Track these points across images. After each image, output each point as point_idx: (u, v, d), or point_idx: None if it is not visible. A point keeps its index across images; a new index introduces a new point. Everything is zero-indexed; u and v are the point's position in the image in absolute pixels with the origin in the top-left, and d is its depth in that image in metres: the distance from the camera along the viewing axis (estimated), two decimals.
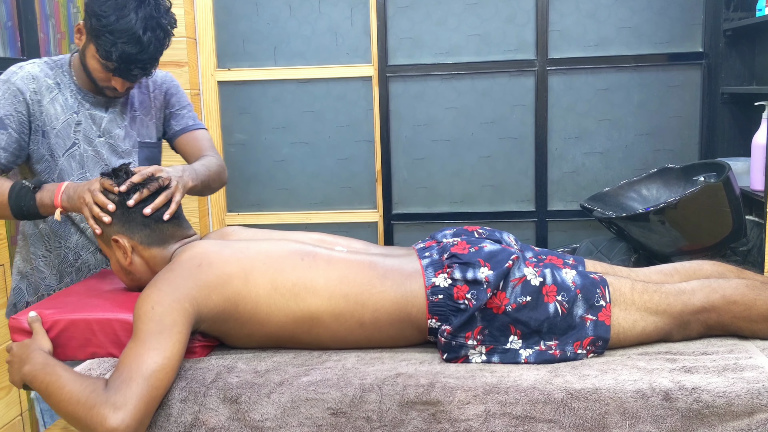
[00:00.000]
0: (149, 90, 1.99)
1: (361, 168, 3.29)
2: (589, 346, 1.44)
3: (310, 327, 1.47)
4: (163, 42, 1.78)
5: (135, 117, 1.95)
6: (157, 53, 1.77)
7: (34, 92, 1.79)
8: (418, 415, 1.34)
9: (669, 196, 2.83)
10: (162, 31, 1.76)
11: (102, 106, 1.89)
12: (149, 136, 1.98)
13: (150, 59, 1.76)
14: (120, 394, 1.24)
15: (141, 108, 1.96)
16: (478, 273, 1.43)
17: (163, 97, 2.01)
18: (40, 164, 1.83)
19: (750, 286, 1.47)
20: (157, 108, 2.00)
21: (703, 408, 1.30)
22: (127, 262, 1.56)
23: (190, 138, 2.03)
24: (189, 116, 2.05)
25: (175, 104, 2.03)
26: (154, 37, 1.74)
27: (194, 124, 2.04)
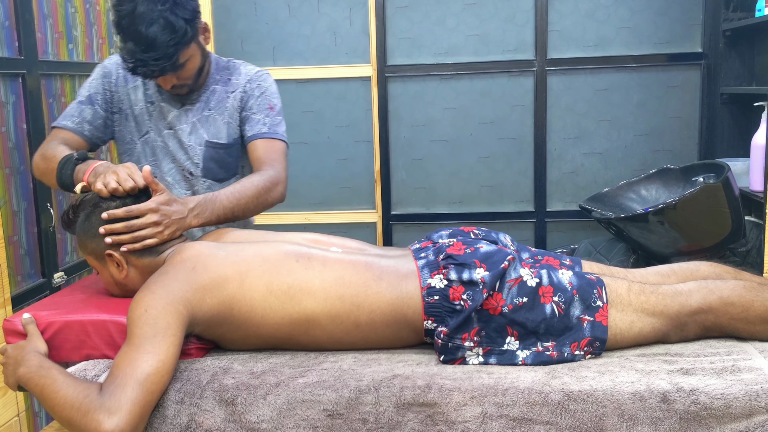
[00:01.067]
0: (230, 90, 1.93)
1: (360, 168, 3.29)
2: (587, 347, 1.43)
3: (306, 329, 1.46)
4: (173, 37, 1.68)
5: (208, 116, 1.92)
6: (169, 50, 1.68)
7: (121, 76, 1.90)
8: (415, 417, 1.33)
9: (668, 196, 2.82)
10: (168, 26, 1.67)
11: (177, 102, 1.92)
12: (218, 136, 1.92)
13: (162, 57, 1.68)
14: (114, 399, 1.23)
15: (216, 107, 1.92)
16: (474, 274, 1.43)
17: (242, 98, 1.92)
18: (123, 146, 1.93)
19: (747, 287, 1.46)
20: (234, 109, 1.92)
21: (701, 410, 1.29)
22: (123, 275, 1.54)
23: (253, 148, 1.89)
24: (261, 122, 1.90)
25: (252, 107, 1.92)
26: (160, 31, 1.66)
27: (264, 133, 1.89)
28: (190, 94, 1.91)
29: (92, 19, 2.70)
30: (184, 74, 1.80)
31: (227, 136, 1.93)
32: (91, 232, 1.54)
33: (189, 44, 1.74)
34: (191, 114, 1.92)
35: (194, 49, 1.78)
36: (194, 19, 1.75)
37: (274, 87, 1.97)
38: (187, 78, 1.82)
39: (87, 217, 1.55)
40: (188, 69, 1.80)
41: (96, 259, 1.56)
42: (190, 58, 1.78)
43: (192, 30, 1.73)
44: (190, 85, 1.85)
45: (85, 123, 1.87)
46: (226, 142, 1.94)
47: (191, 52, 1.77)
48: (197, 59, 1.82)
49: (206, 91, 1.93)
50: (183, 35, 1.70)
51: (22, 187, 2.21)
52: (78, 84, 2.56)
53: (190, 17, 1.72)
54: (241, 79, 1.94)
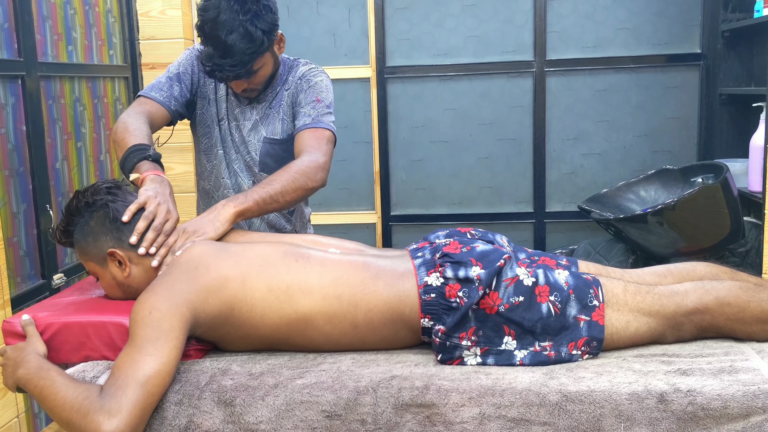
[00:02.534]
0: (286, 87, 2.00)
1: (359, 169, 3.29)
2: (584, 346, 1.43)
3: (304, 329, 1.47)
4: (250, 46, 1.77)
5: (269, 113, 2.00)
6: (245, 57, 1.77)
7: (199, 71, 1.98)
8: (413, 418, 1.34)
9: (667, 197, 2.82)
10: (247, 35, 1.75)
11: (242, 105, 2.01)
12: (274, 132, 2.00)
13: (238, 64, 1.77)
14: (115, 401, 1.23)
15: (275, 105, 2.00)
16: (470, 272, 1.43)
17: (293, 95, 1.99)
18: (202, 128, 2.04)
19: (743, 287, 1.46)
20: (287, 105, 1.99)
21: (699, 410, 1.29)
22: (125, 274, 1.55)
23: (298, 139, 1.92)
24: (307, 114, 1.94)
25: (301, 102, 1.96)
26: (239, 39, 1.75)
27: (309, 123, 1.92)
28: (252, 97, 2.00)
29: (91, 20, 2.70)
30: (256, 80, 1.88)
31: (282, 131, 2.00)
32: (91, 236, 1.55)
33: (264, 54, 1.82)
34: (255, 112, 2.00)
35: (268, 58, 1.86)
36: (272, 31, 1.83)
37: (324, 81, 2.00)
38: (258, 84, 1.91)
39: (86, 222, 1.56)
40: (260, 76, 1.88)
41: (97, 263, 1.56)
42: (263, 66, 1.86)
43: (268, 41, 1.82)
44: (259, 89, 1.95)
45: (173, 99, 1.96)
46: (281, 138, 2.00)
47: (265, 61, 1.85)
48: (269, 67, 1.90)
49: (274, 92, 2.01)
50: (260, 45, 1.79)
51: (21, 189, 2.21)
52: (78, 86, 2.56)
53: (268, 29, 1.81)
54: (295, 76, 2.00)
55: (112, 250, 1.53)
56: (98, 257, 1.56)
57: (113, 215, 1.55)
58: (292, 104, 2.00)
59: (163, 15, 3.06)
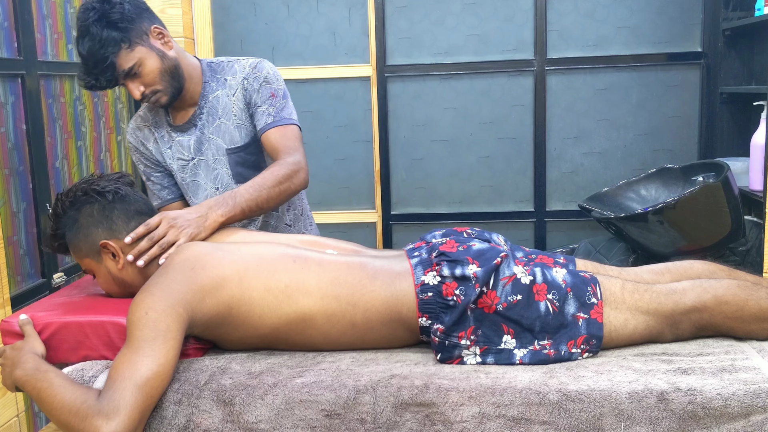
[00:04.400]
0: (230, 93, 1.93)
1: (360, 168, 3.29)
2: (583, 344, 1.43)
3: (303, 328, 1.47)
4: (101, 46, 1.71)
5: (220, 125, 1.93)
6: (99, 57, 1.72)
7: (141, 143, 2.01)
8: (413, 417, 1.33)
9: (668, 196, 2.82)
10: (94, 36, 1.71)
11: (189, 127, 1.95)
12: (234, 140, 1.93)
13: (97, 65, 1.73)
14: (113, 404, 1.23)
15: (224, 114, 1.93)
16: (467, 270, 1.43)
17: (244, 96, 1.92)
18: (186, 193, 2.04)
19: (741, 286, 1.46)
20: (240, 108, 1.92)
21: (699, 410, 1.29)
22: (119, 266, 1.54)
23: (266, 140, 1.88)
24: (266, 113, 1.89)
25: (256, 102, 1.90)
26: (88, 43, 1.72)
27: (270, 123, 1.88)
28: (184, 105, 1.94)
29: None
30: (146, 80, 1.80)
31: (241, 137, 1.94)
32: (82, 232, 1.55)
33: (127, 48, 1.75)
34: (206, 130, 1.94)
35: (142, 52, 1.78)
36: (125, 23, 1.74)
37: (272, 74, 1.93)
38: (152, 83, 1.81)
39: (74, 219, 1.56)
40: (146, 74, 1.79)
41: (92, 258, 1.56)
42: (141, 63, 1.77)
43: (125, 34, 1.74)
44: (164, 90, 1.83)
45: (165, 189, 2.03)
46: (242, 144, 1.94)
47: (138, 56, 1.77)
48: (153, 63, 1.79)
49: (207, 102, 1.93)
50: (113, 41, 1.72)
51: (21, 188, 2.21)
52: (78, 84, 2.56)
53: (119, 21, 1.73)
54: (237, 77, 1.92)
55: (105, 241, 1.53)
56: (92, 252, 1.55)
57: (100, 205, 1.55)
58: (246, 107, 1.92)
59: (163, 14, 3.06)
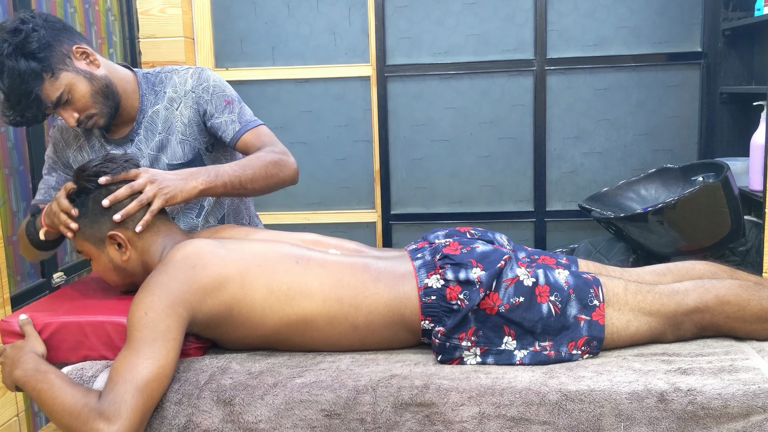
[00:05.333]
0: (174, 107, 1.83)
1: (360, 168, 3.29)
2: (584, 346, 1.43)
3: (304, 330, 1.46)
4: (21, 80, 1.58)
5: (161, 140, 1.83)
6: (22, 92, 1.59)
7: (66, 141, 1.88)
8: (413, 417, 1.33)
9: (668, 196, 2.82)
10: (12, 71, 1.58)
11: (125, 142, 1.83)
12: (176, 156, 1.83)
13: (21, 101, 1.60)
14: (114, 407, 1.23)
15: (164, 129, 1.83)
16: (471, 273, 1.43)
17: (195, 110, 1.82)
18: None
19: (743, 286, 1.46)
20: (185, 124, 1.82)
21: (699, 410, 1.29)
22: (125, 257, 1.52)
23: (243, 147, 1.81)
24: (229, 121, 1.81)
25: (212, 112, 1.82)
26: (9, 80, 1.58)
27: (239, 129, 1.81)
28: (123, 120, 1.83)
29: (91, 19, 2.70)
30: (79, 105, 1.69)
31: (184, 154, 1.84)
32: (89, 218, 1.52)
33: (51, 77, 1.63)
34: (144, 145, 1.84)
35: (68, 78, 1.66)
36: (43, 51, 1.61)
37: (219, 81, 1.85)
38: (85, 108, 1.70)
39: (84, 204, 1.53)
40: (77, 99, 1.68)
41: (94, 244, 1.54)
42: (70, 89, 1.66)
43: (45, 63, 1.61)
44: (99, 113, 1.73)
45: (51, 190, 1.87)
46: (185, 161, 1.84)
47: (65, 83, 1.65)
48: (82, 87, 1.68)
49: (146, 117, 1.83)
50: (34, 74, 1.60)
51: (21, 187, 2.21)
52: None
53: (37, 51, 1.60)
54: (179, 90, 1.83)
55: (113, 233, 1.51)
56: (96, 239, 1.53)
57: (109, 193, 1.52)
58: (201, 121, 1.83)
59: (163, 13, 3.06)
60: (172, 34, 3.07)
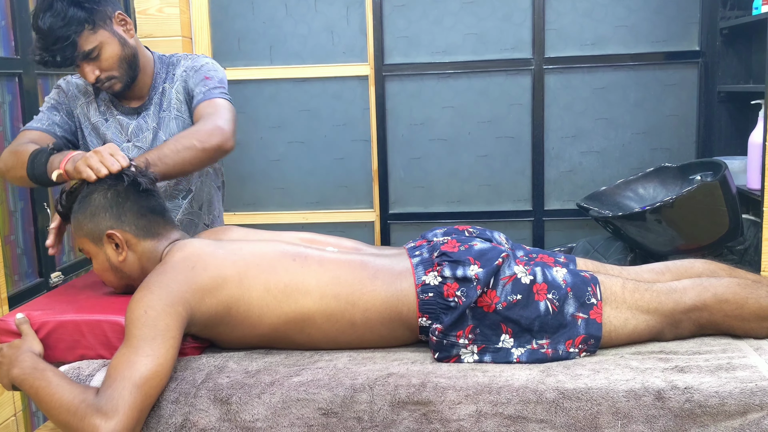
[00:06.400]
0: (174, 85, 1.94)
1: (358, 167, 3.28)
2: (581, 344, 1.43)
3: (302, 328, 1.46)
4: (65, 23, 1.69)
5: (164, 117, 1.93)
6: (63, 34, 1.69)
7: (73, 94, 1.94)
8: (410, 415, 1.33)
9: (666, 195, 2.82)
10: (59, 12, 1.68)
11: (133, 113, 1.94)
12: (171, 132, 1.92)
13: (58, 41, 1.69)
14: (112, 404, 1.23)
15: (168, 107, 1.93)
16: (468, 270, 1.43)
17: (183, 87, 1.93)
18: None
19: (742, 284, 1.46)
20: (180, 101, 1.93)
21: (696, 408, 1.29)
22: (122, 258, 1.52)
23: (194, 115, 1.88)
24: (200, 91, 1.90)
25: (191, 88, 1.92)
26: (51, 19, 1.68)
27: (201, 99, 1.88)
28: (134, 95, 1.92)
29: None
30: (104, 65, 1.78)
31: (178, 129, 1.92)
32: (88, 212, 1.52)
33: (93, 30, 1.74)
34: (150, 119, 1.93)
35: (104, 36, 1.76)
36: (91, 3, 1.73)
37: (211, 64, 1.96)
38: (109, 68, 1.80)
39: (85, 197, 1.53)
40: (105, 59, 1.78)
41: (92, 241, 1.54)
42: (102, 46, 1.76)
43: (90, 15, 1.73)
44: (119, 77, 1.83)
45: (56, 126, 1.90)
46: None
47: (100, 39, 1.76)
48: (113, 48, 1.79)
49: (156, 93, 1.94)
50: (77, 20, 1.71)
51: (18, 187, 2.21)
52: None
53: (86, 1, 1.72)
54: (179, 71, 1.95)
55: (111, 231, 1.51)
56: (94, 235, 1.53)
57: (115, 191, 1.53)
58: (185, 99, 1.93)
59: (160, 13, 3.05)
60: (169, 33, 3.07)
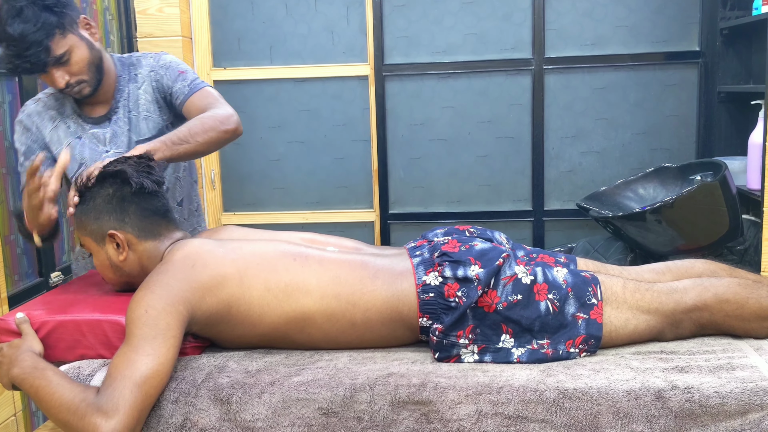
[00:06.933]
0: (139, 85, 1.92)
1: (358, 167, 3.28)
2: (582, 344, 1.43)
3: (302, 327, 1.46)
4: (37, 27, 1.66)
5: (132, 118, 1.91)
6: (36, 38, 1.66)
7: (36, 126, 1.91)
8: (410, 415, 1.33)
9: (666, 195, 2.82)
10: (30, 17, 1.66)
11: (104, 120, 1.92)
12: (142, 133, 1.92)
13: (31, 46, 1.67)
14: (112, 403, 1.23)
15: (135, 107, 1.92)
16: (469, 271, 1.43)
17: (154, 87, 1.92)
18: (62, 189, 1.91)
19: (742, 284, 1.46)
20: (148, 101, 1.92)
21: (696, 408, 1.29)
22: (122, 258, 1.52)
23: (188, 110, 1.89)
24: (182, 86, 1.90)
25: (168, 85, 1.91)
26: (23, 25, 1.66)
27: (187, 93, 1.89)
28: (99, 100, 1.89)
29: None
30: (74, 69, 1.77)
31: (149, 130, 1.92)
32: (92, 214, 1.53)
33: (61, 34, 1.72)
34: (122, 123, 1.91)
35: (73, 40, 1.75)
36: (60, 7, 1.72)
37: (175, 60, 1.96)
38: (79, 73, 1.78)
39: (91, 198, 1.53)
40: (75, 63, 1.76)
41: (94, 240, 1.54)
42: (71, 51, 1.75)
43: (60, 19, 1.71)
44: (89, 81, 1.81)
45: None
46: (150, 136, 1.90)
47: (70, 44, 1.74)
48: (82, 52, 1.78)
49: (122, 95, 1.92)
50: (49, 25, 1.69)
51: (18, 187, 2.21)
52: None
53: (55, 6, 1.71)
54: (143, 71, 1.93)
55: (113, 232, 1.51)
56: (96, 234, 1.54)
57: (120, 193, 1.53)
58: (160, 97, 1.92)
59: (160, 12, 3.05)
60: (169, 33, 3.07)
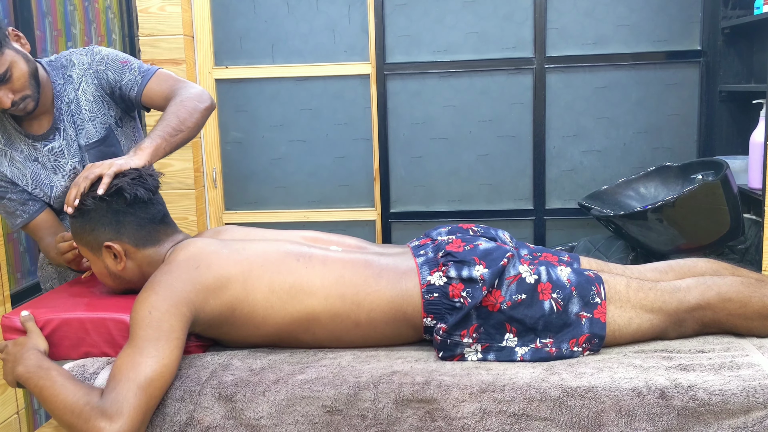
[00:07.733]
0: (77, 86, 1.83)
1: (359, 166, 3.29)
2: (585, 343, 1.43)
3: (307, 328, 1.46)
4: None
5: (77, 122, 1.83)
6: None
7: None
8: (414, 413, 1.34)
9: (667, 194, 2.82)
10: None
11: (53, 133, 1.83)
12: (90, 136, 1.84)
13: None
14: (116, 405, 1.23)
15: (77, 110, 1.83)
16: (474, 271, 1.43)
17: (96, 84, 1.83)
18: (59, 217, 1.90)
19: (745, 283, 1.47)
20: (90, 101, 1.83)
21: (699, 406, 1.30)
22: (120, 267, 1.53)
23: (148, 98, 1.82)
24: (132, 76, 1.82)
25: (115, 79, 1.82)
26: None
27: (140, 81, 1.82)
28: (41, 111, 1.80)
29: (91, 17, 2.70)
30: (16, 85, 1.68)
31: (96, 131, 1.85)
32: (87, 227, 1.53)
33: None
34: (70, 130, 1.83)
35: (11, 55, 1.66)
36: None
37: (109, 51, 1.86)
38: (21, 88, 1.69)
39: (87, 211, 1.53)
40: (17, 79, 1.68)
41: (91, 250, 1.55)
42: (12, 67, 1.66)
43: None
44: (32, 95, 1.72)
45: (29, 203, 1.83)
46: (99, 138, 1.85)
47: (9, 60, 1.65)
48: (22, 66, 1.69)
49: (63, 102, 1.83)
50: None
51: None
52: None
53: None
54: (77, 71, 1.83)
55: (109, 243, 1.51)
56: (92, 246, 1.54)
57: (115, 207, 1.52)
58: (106, 93, 1.84)
59: (162, 11, 3.05)
60: (171, 31, 3.07)
